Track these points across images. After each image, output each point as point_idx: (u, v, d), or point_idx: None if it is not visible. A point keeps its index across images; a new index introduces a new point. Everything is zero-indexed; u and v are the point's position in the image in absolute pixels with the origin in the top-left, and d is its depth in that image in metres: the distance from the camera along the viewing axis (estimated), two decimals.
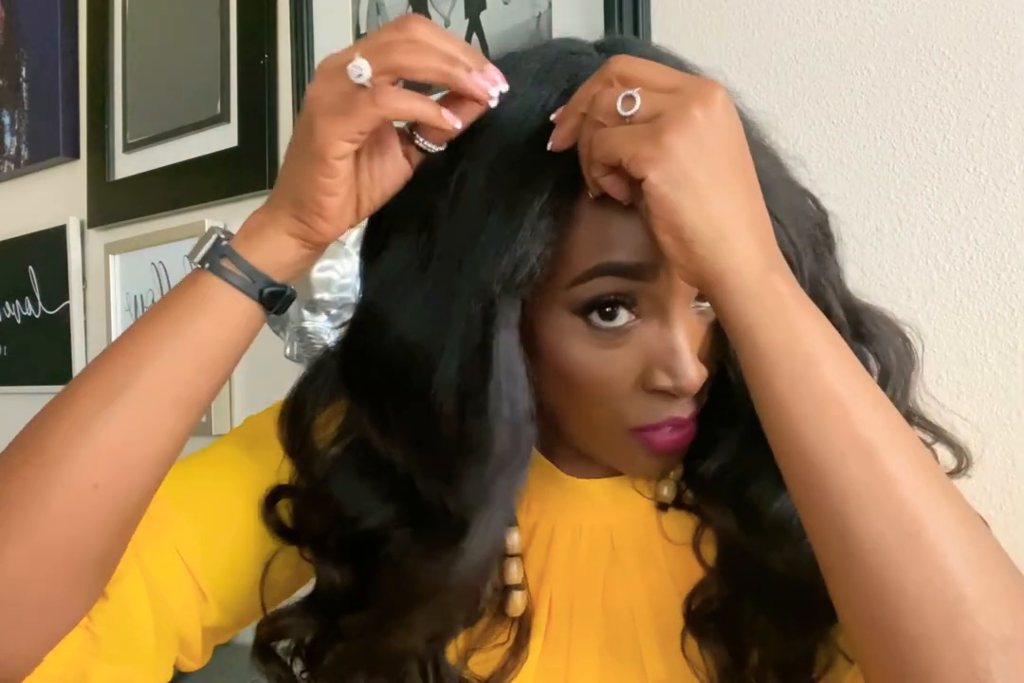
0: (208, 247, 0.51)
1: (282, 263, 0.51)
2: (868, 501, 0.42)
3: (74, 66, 1.68)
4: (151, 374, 0.49)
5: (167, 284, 1.47)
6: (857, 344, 0.54)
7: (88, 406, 0.48)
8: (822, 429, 0.43)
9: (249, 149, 1.36)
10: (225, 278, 0.50)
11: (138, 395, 0.48)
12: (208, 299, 0.50)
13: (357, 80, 0.46)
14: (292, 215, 0.50)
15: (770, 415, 0.45)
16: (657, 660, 0.56)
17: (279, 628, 0.58)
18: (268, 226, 0.51)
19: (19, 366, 1.79)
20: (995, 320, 0.79)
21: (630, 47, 0.53)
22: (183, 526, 0.55)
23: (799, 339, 0.45)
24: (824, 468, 0.43)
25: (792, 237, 0.50)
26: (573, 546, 0.59)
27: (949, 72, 0.81)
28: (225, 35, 1.40)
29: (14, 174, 1.79)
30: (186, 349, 0.49)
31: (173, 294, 0.51)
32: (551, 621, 0.58)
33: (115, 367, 0.49)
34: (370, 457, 0.54)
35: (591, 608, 0.58)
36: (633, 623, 0.57)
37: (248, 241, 0.51)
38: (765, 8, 0.90)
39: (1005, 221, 0.78)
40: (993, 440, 0.78)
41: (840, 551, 0.43)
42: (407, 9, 1.18)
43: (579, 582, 0.59)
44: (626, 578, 0.58)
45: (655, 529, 0.59)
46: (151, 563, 0.53)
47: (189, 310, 0.50)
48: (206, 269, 0.50)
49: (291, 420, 0.57)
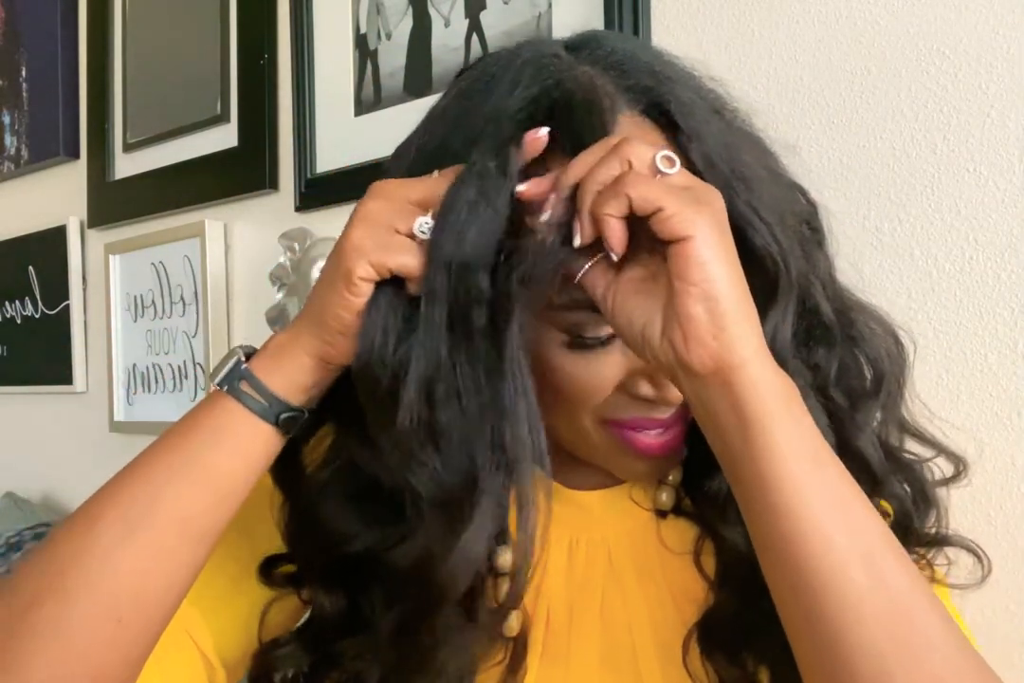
0: (228, 368, 0.50)
1: (301, 384, 0.50)
2: (867, 609, 0.41)
3: (74, 66, 1.68)
4: (168, 509, 0.48)
5: (167, 284, 1.47)
6: (848, 346, 0.54)
7: (107, 540, 0.47)
8: (827, 535, 0.42)
9: (249, 149, 1.36)
10: (243, 402, 0.49)
11: (157, 531, 0.48)
12: (225, 425, 0.49)
13: (420, 235, 0.46)
14: (314, 334, 0.49)
15: (768, 519, 0.43)
16: (656, 674, 0.56)
17: (273, 659, 0.57)
18: (288, 347, 0.50)
19: (19, 366, 1.79)
20: (995, 320, 0.79)
21: (603, 43, 0.53)
22: (187, 606, 0.54)
23: (811, 438, 0.43)
24: (825, 578, 0.41)
25: (776, 235, 0.49)
26: (570, 560, 0.59)
27: (949, 72, 0.81)
28: (225, 35, 1.40)
29: (14, 174, 1.79)
30: (202, 482, 0.49)
31: (191, 418, 0.51)
32: (548, 636, 0.57)
33: (133, 499, 0.48)
34: (358, 480, 0.53)
35: (589, 622, 0.57)
36: (631, 636, 0.57)
37: (268, 361, 0.50)
38: (765, 8, 0.90)
39: (1005, 221, 0.78)
40: (993, 440, 0.78)
41: (830, 655, 0.42)
42: (407, 9, 1.19)
43: (576, 596, 0.58)
44: (624, 591, 0.58)
45: (653, 540, 0.58)
46: (165, 655, 0.53)
47: (207, 439, 0.49)
48: (225, 391, 0.50)
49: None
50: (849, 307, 0.55)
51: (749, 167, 0.50)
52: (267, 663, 0.57)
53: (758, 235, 0.48)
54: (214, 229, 1.39)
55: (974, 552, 0.58)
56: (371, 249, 0.47)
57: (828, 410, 0.52)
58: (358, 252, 0.47)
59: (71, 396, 1.67)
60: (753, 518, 0.45)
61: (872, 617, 0.41)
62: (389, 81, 1.21)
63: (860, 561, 0.41)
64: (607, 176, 0.44)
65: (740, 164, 0.49)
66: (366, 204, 0.48)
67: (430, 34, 1.16)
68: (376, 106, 1.21)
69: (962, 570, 0.59)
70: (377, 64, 1.22)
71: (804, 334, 0.53)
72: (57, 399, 1.71)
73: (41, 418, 1.74)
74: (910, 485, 0.56)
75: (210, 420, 0.50)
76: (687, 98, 0.51)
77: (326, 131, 1.27)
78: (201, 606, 0.55)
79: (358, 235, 0.47)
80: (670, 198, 0.42)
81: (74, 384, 1.65)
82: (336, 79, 1.26)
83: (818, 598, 0.42)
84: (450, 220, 0.46)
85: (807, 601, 0.42)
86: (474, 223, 0.45)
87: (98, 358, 1.62)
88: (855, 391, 0.54)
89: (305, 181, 1.27)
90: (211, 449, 0.49)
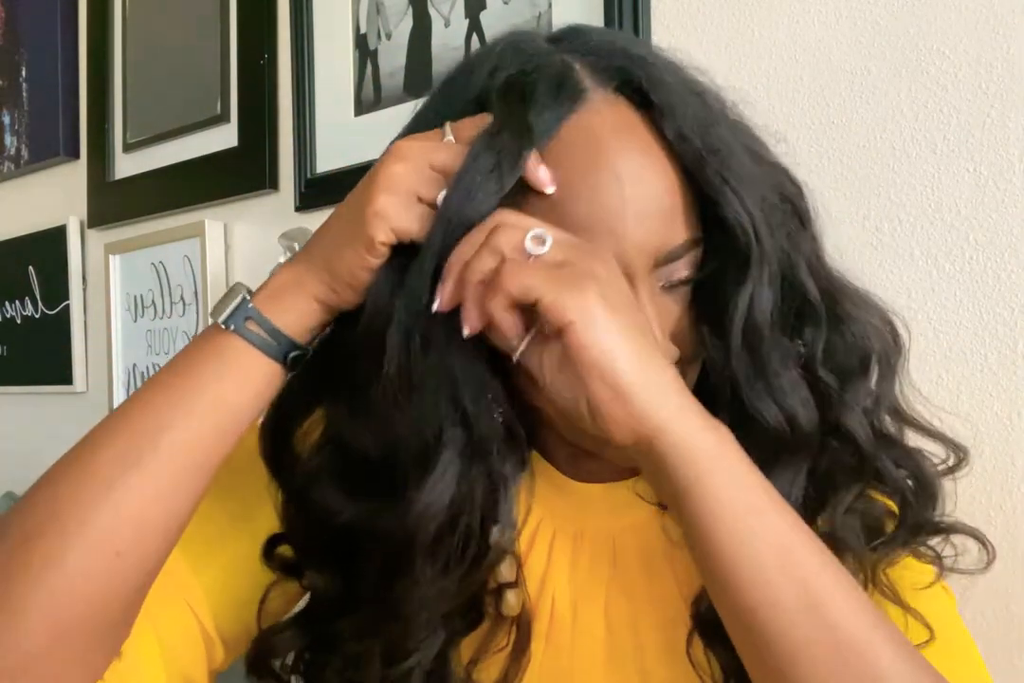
0: (233, 307, 0.50)
1: (306, 326, 0.51)
2: (814, 651, 0.42)
3: (74, 66, 1.68)
4: (171, 441, 0.48)
5: (167, 284, 1.47)
6: (834, 324, 0.54)
7: (107, 472, 0.47)
8: (767, 581, 0.43)
9: (249, 149, 1.36)
10: (250, 340, 0.50)
11: (158, 462, 0.48)
12: (231, 362, 0.50)
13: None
14: (323, 281, 0.50)
15: (710, 567, 0.45)
16: (662, 670, 0.56)
17: (271, 643, 0.57)
18: (295, 288, 0.51)
19: (19, 366, 1.79)
20: (995, 320, 0.79)
21: (582, 34, 0.54)
22: (192, 579, 0.55)
23: (747, 487, 0.45)
24: (771, 624, 0.43)
25: (748, 206, 0.49)
26: (575, 551, 0.59)
27: (949, 72, 0.81)
28: (225, 35, 1.40)
29: (14, 174, 1.79)
30: (206, 415, 0.49)
31: (193, 352, 0.51)
32: (552, 625, 0.58)
33: (133, 432, 0.48)
34: (346, 460, 0.53)
35: (593, 616, 0.58)
36: (637, 634, 0.57)
37: (273, 302, 0.51)
38: (765, 8, 0.90)
39: (1005, 221, 0.78)
40: (993, 440, 0.78)
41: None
42: (407, 9, 1.19)
43: (581, 587, 0.58)
44: (630, 588, 0.58)
45: (657, 533, 0.58)
46: (163, 620, 0.53)
47: (211, 373, 0.50)
48: (230, 330, 0.50)
49: (272, 437, 0.56)
50: (837, 288, 0.55)
51: (724, 141, 0.50)
52: (265, 647, 0.57)
53: (728, 206, 0.49)
54: (214, 229, 1.39)
55: (979, 539, 0.58)
56: (394, 216, 0.48)
57: (815, 388, 0.52)
58: (381, 218, 0.48)
59: (71, 396, 1.67)
60: (699, 566, 0.46)
61: (820, 658, 0.42)
62: (389, 81, 1.21)
63: (804, 606, 0.43)
64: (483, 270, 0.46)
65: (713, 138, 0.50)
66: (390, 167, 0.49)
67: (430, 34, 1.16)
68: (376, 106, 1.21)
69: (967, 558, 0.59)
70: (377, 64, 1.22)
71: (790, 312, 0.53)
72: (57, 399, 1.71)
73: (41, 418, 1.74)
74: (908, 470, 0.56)
75: (215, 357, 0.50)
76: (660, 76, 0.52)
77: (326, 131, 1.27)
78: (203, 579, 0.55)
79: (382, 201, 0.48)
80: (546, 285, 0.44)
81: (74, 384, 1.65)
82: (336, 79, 1.26)
83: (766, 640, 0.43)
84: (464, 182, 0.47)
85: (755, 642, 0.44)
86: (482, 189, 0.47)
87: (98, 358, 1.62)
88: (843, 370, 0.54)
89: (305, 181, 1.27)
90: (218, 383, 0.49)
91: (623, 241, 0.49)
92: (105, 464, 0.47)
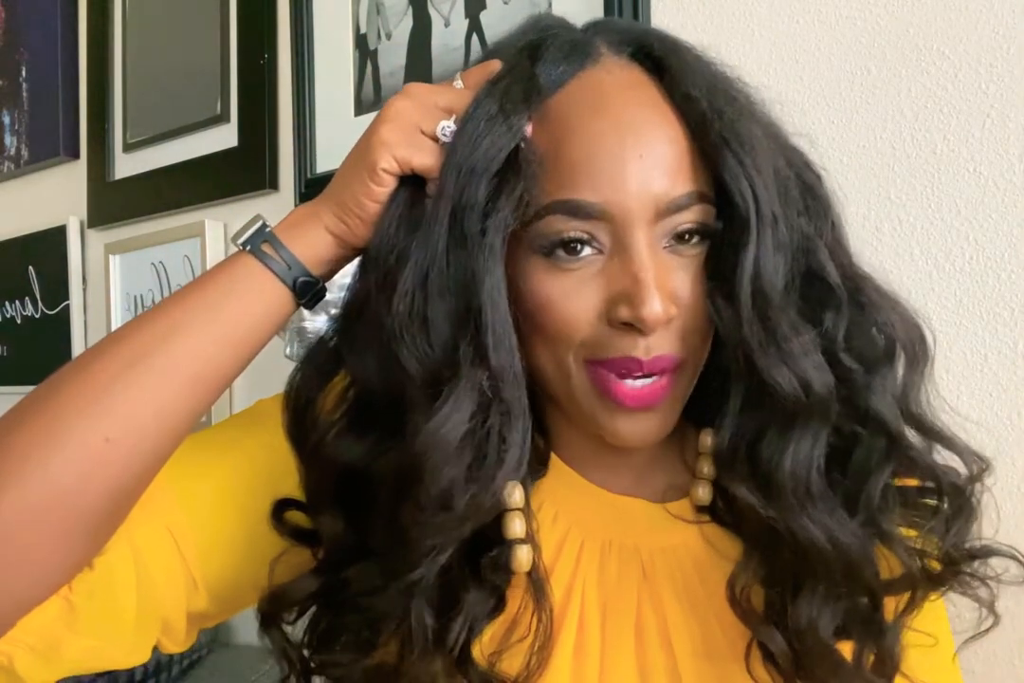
0: (253, 231, 0.53)
1: (319, 256, 0.53)
2: None
3: (74, 66, 1.68)
4: (176, 345, 0.50)
5: (167, 284, 1.47)
6: (856, 310, 0.53)
7: (109, 367, 0.49)
8: None
9: (249, 149, 1.36)
10: (264, 262, 0.52)
11: (160, 364, 0.49)
12: (244, 280, 0.52)
13: (442, 138, 0.51)
14: (335, 214, 0.53)
15: None
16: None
17: (284, 590, 0.55)
18: (310, 220, 0.53)
19: (19, 366, 1.79)
20: (995, 320, 0.79)
21: (611, 23, 0.58)
22: (179, 511, 0.54)
23: None
24: None
25: (747, 169, 0.50)
26: (602, 561, 0.58)
27: (949, 72, 0.81)
28: (225, 35, 1.40)
29: (14, 174, 1.79)
30: (213, 326, 0.51)
31: (212, 271, 0.53)
32: (582, 632, 0.56)
33: (142, 334, 0.51)
34: (360, 411, 0.53)
35: (624, 624, 0.56)
36: (670, 648, 0.56)
37: (289, 231, 0.53)
38: (765, 8, 0.90)
39: (1005, 221, 0.78)
40: (993, 440, 0.78)
41: None
42: (407, 9, 1.19)
43: (611, 599, 0.57)
44: (659, 603, 0.57)
45: (693, 557, 0.57)
46: (142, 541, 0.52)
47: (224, 288, 0.52)
48: (247, 251, 0.52)
49: (294, 405, 0.56)
50: (861, 276, 0.55)
51: (734, 108, 0.51)
52: (278, 594, 0.56)
53: (727, 167, 0.50)
54: (214, 229, 1.39)
55: (1016, 559, 0.56)
56: (396, 144, 0.51)
57: (837, 374, 0.52)
58: (384, 146, 0.51)
59: None
60: None
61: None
62: (389, 81, 1.21)
63: None
64: None
65: (721, 102, 0.51)
66: (396, 103, 0.52)
67: (430, 34, 1.16)
68: (376, 106, 1.21)
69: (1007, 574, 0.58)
70: (377, 64, 1.22)
71: (809, 295, 0.53)
72: None
73: None
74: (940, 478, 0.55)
75: (230, 276, 0.52)
76: (675, 45, 0.54)
77: (326, 131, 1.27)
78: (192, 516, 0.54)
79: (386, 130, 0.51)
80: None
81: None
82: (336, 79, 1.26)
83: None
84: (469, 128, 0.50)
85: None
86: (488, 134, 0.49)
87: None
88: (867, 357, 0.53)
89: (305, 181, 1.27)
90: (227, 298, 0.52)
91: (622, 186, 0.49)
92: (109, 360, 0.49)
